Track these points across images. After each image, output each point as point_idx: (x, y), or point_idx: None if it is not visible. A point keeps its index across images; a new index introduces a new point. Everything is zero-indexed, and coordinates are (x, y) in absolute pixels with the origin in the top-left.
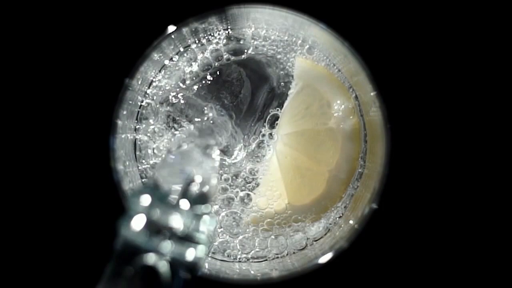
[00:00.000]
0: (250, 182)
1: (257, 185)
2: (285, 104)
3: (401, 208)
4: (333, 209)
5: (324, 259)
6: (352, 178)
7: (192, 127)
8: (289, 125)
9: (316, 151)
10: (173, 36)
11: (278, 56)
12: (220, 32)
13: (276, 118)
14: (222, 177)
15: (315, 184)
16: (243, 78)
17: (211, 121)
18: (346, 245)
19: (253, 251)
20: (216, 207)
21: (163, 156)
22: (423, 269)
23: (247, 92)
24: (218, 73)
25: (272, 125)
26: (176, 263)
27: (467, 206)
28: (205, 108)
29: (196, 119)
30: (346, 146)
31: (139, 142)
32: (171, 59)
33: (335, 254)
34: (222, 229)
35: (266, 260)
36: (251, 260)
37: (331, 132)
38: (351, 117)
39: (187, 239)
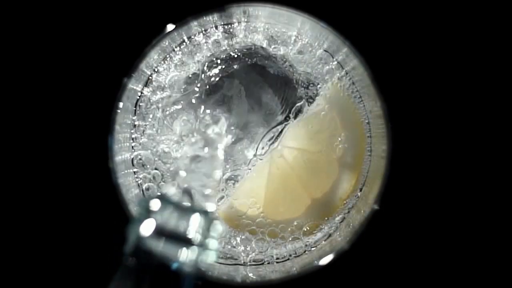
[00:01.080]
0: (232, 179)
1: (237, 182)
2: (301, 118)
3: (402, 209)
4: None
5: (325, 260)
6: (333, 214)
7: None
8: (295, 140)
9: (308, 176)
10: (171, 35)
11: (290, 70)
12: (220, 33)
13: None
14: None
15: (294, 206)
16: (242, 98)
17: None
18: (347, 246)
19: (252, 254)
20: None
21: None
22: (423, 269)
23: (243, 114)
24: (218, 86)
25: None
26: (187, 268)
27: (469, 207)
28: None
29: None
30: (339, 185)
31: (137, 144)
32: (170, 59)
33: (336, 256)
34: None
35: (267, 263)
36: (251, 263)
37: (331, 165)
38: (356, 159)
39: (198, 244)
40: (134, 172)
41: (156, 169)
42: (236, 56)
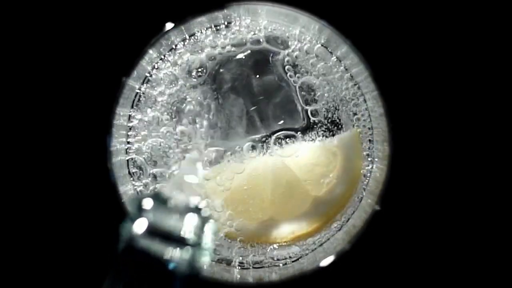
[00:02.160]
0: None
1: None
2: (309, 145)
3: (403, 210)
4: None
5: (326, 262)
6: (278, 242)
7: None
8: (291, 157)
9: (281, 195)
10: (170, 34)
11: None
12: (220, 32)
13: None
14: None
15: (252, 213)
16: (243, 119)
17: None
18: (348, 247)
19: (250, 256)
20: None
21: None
22: (424, 270)
23: (240, 130)
24: (222, 99)
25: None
26: (181, 268)
27: (469, 209)
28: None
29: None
30: (301, 220)
31: (135, 144)
32: (169, 58)
33: (337, 257)
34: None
35: (267, 266)
36: (250, 266)
37: (306, 199)
38: (331, 208)
39: (192, 243)
40: (133, 172)
41: (152, 170)
42: (244, 69)
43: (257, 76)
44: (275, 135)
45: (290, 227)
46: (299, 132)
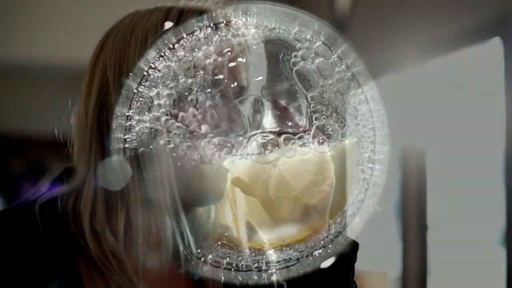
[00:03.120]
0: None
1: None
2: (305, 151)
3: (403, 210)
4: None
5: (327, 263)
6: (267, 246)
7: None
8: (284, 163)
9: (269, 201)
10: (169, 33)
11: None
12: (220, 30)
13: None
14: None
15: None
16: (244, 112)
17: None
18: (348, 248)
19: (249, 258)
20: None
21: None
22: (423, 270)
23: (240, 125)
24: (223, 95)
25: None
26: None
27: (469, 208)
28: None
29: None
30: (291, 228)
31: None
32: (169, 56)
33: (337, 258)
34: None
35: (265, 268)
36: (250, 267)
37: (295, 206)
38: (323, 220)
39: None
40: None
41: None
42: (247, 67)
43: (260, 74)
44: (273, 135)
45: (280, 234)
46: (299, 134)
